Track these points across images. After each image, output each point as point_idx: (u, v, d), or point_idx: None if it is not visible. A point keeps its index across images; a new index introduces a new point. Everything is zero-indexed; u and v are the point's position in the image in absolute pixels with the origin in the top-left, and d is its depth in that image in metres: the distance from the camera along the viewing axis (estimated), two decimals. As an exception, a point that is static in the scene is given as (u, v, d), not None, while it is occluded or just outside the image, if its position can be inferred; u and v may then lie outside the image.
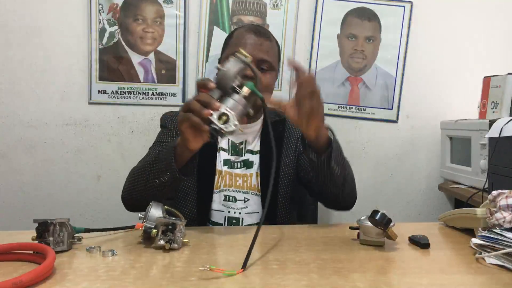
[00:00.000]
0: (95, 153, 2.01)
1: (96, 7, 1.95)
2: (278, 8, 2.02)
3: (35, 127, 1.99)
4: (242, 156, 1.31)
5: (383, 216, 0.87)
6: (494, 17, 2.11)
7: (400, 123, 2.12)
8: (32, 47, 1.96)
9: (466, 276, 0.77)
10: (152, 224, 0.89)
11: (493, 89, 1.81)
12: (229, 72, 0.85)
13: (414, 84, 2.10)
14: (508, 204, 0.85)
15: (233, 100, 0.86)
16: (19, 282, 0.64)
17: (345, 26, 2.06)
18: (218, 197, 1.27)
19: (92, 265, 0.78)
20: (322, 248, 0.90)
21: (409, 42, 2.08)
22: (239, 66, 0.87)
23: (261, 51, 1.24)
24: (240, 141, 1.31)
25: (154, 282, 0.71)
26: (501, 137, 1.39)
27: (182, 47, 2.00)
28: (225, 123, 0.84)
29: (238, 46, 1.24)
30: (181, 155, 1.00)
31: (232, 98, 0.86)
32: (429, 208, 2.17)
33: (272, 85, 1.30)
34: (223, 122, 0.84)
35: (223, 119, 0.84)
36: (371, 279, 0.73)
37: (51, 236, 0.84)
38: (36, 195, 2.00)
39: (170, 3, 1.98)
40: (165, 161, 1.01)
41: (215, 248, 0.92)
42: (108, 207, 2.01)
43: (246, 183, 1.28)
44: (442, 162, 2.04)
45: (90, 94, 1.99)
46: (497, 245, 0.81)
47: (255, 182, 1.29)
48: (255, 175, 1.29)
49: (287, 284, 0.70)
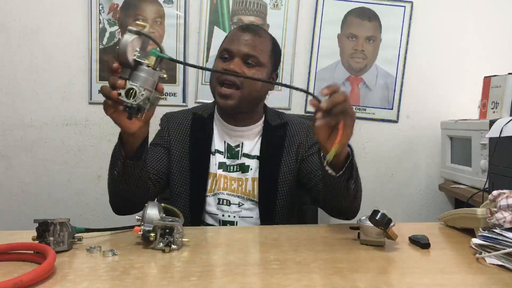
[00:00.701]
0: (95, 153, 2.01)
1: (96, 7, 1.95)
2: (278, 8, 2.02)
3: (35, 127, 1.99)
4: (238, 159, 1.28)
5: (384, 216, 0.87)
6: (494, 17, 2.11)
7: (400, 123, 2.12)
8: (32, 47, 1.96)
9: (466, 276, 0.77)
10: (150, 226, 0.88)
11: (493, 89, 1.81)
12: (122, 47, 0.84)
13: (414, 84, 2.10)
14: (509, 204, 0.85)
15: (140, 73, 0.86)
16: (19, 282, 0.64)
17: (345, 26, 2.06)
18: (213, 200, 1.26)
19: (93, 265, 0.78)
20: (322, 248, 0.90)
21: (409, 42, 2.08)
22: (132, 38, 0.85)
23: (246, 46, 1.21)
24: (236, 143, 1.29)
25: (154, 282, 0.71)
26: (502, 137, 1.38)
27: (182, 47, 2.00)
28: (134, 97, 0.85)
29: (226, 43, 1.24)
30: (127, 142, 1.00)
31: (139, 71, 0.86)
32: (429, 208, 2.17)
33: (260, 82, 1.24)
34: (132, 96, 0.85)
35: (131, 94, 0.85)
36: (371, 279, 0.73)
37: (51, 236, 0.84)
38: (36, 195, 2.00)
39: (170, 3, 1.98)
40: (115, 151, 1.02)
41: (215, 248, 0.92)
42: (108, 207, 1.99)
43: (241, 188, 1.26)
44: (442, 162, 2.04)
45: (90, 94, 1.99)
46: (497, 245, 0.81)
47: (250, 187, 1.26)
48: (251, 180, 1.27)
49: (287, 284, 0.70)
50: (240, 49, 1.21)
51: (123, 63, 0.86)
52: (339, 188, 1.03)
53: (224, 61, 1.23)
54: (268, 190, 1.26)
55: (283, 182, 1.28)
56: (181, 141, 1.29)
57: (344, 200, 1.07)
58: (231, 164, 1.28)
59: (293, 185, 1.30)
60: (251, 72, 1.21)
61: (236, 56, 1.21)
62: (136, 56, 0.85)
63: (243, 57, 1.21)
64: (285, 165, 1.29)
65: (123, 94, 0.85)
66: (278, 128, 1.32)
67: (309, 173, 1.26)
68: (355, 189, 1.06)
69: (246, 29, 1.25)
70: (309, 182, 1.26)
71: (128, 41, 0.84)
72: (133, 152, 1.01)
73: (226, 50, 1.23)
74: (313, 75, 2.07)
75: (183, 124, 1.31)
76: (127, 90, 0.85)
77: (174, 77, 2.01)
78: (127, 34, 0.85)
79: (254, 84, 1.21)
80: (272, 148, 1.29)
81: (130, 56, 0.85)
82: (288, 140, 1.31)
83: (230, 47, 1.23)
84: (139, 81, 0.86)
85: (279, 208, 1.27)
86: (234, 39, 1.23)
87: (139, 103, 0.86)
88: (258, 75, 1.22)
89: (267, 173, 1.27)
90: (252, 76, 1.20)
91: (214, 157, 1.28)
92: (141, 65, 0.86)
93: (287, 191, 1.28)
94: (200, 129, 1.30)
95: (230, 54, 1.22)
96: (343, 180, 1.00)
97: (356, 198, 1.10)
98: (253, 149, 1.29)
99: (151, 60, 0.87)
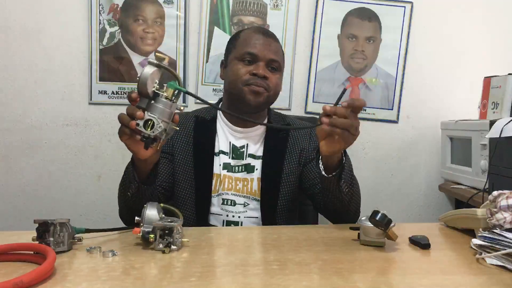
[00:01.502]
0: (95, 153, 2.01)
1: (96, 8, 1.95)
2: (279, 9, 2.02)
3: (35, 127, 1.99)
4: (243, 160, 1.29)
5: (384, 216, 0.87)
6: (494, 17, 2.11)
7: (400, 124, 2.12)
8: (33, 47, 1.96)
9: (466, 276, 0.76)
10: (149, 227, 0.88)
11: (493, 90, 1.81)
12: (142, 79, 0.87)
13: (414, 84, 2.10)
14: (509, 205, 0.85)
15: (157, 104, 0.89)
16: (19, 283, 0.64)
17: (345, 27, 2.06)
18: (217, 201, 1.26)
19: (93, 266, 0.78)
20: (322, 248, 0.90)
21: (409, 42, 2.08)
22: (152, 70, 0.88)
23: (271, 51, 1.26)
24: (242, 144, 1.30)
25: (154, 283, 0.71)
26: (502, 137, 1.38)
27: (182, 47, 2.00)
28: (152, 128, 0.88)
29: (248, 47, 1.26)
30: (139, 166, 1.04)
31: (157, 103, 0.89)
32: (429, 209, 2.17)
33: (280, 85, 1.31)
34: (150, 127, 0.88)
35: (149, 125, 0.88)
36: (371, 280, 0.73)
37: (51, 236, 0.84)
38: (36, 195, 2.00)
39: (170, 3, 1.98)
40: (129, 174, 1.06)
41: (215, 248, 0.92)
42: (108, 207, 2.01)
43: (246, 188, 1.27)
44: (442, 163, 2.04)
45: (90, 95, 1.99)
46: (497, 245, 0.81)
47: (256, 187, 1.28)
48: (256, 180, 1.28)
49: (287, 285, 0.70)
50: (265, 55, 1.25)
51: (143, 94, 0.89)
52: (332, 189, 1.10)
53: (246, 64, 1.26)
54: (270, 190, 1.28)
55: (285, 183, 1.29)
56: (185, 144, 1.30)
57: (338, 203, 1.12)
58: (236, 165, 1.29)
59: (295, 187, 1.31)
60: (274, 76, 1.27)
61: (261, 60, 1.25)
62: (155, 88, 0.89)
63: (268, 62, 1.25)
64: (288, 166, 1.30)
65: (141, 125, 0.88)
66: (281, 130, 1.34)
67: (312, 179, 1.28)
68: (349, 193, 1.11)
69: (266, 34, 1.29)
70: (311, 188, 1.28)
71: (149, 74, 0.87)
72: (145, 175, 1.06)
73: (250, 54, 1.25)
74: (313, 75, 2.07)
75: (186, 127, 1.32)
76: (145, 121, 0.88)
77: (174, 77, 2.00)
78: (148, 67, 0.88)
79: (277, 87, 1.28)
80: (275, 149, 1.31)
81: (150, 88, 0.88)
82: (290, 142, 1.33)
83: (255, 51, 1.25)
84: (157, 113, 0.89)
85: (280, 208, 1.28)
86: (257, 44, 1.26)
87: (157, 135, 0.88)
88: (279, 78, 1.29)
89: (269, 173, 1.28)
90: (277, 80, 1.27)
91: (218, 157, 1.29)
92: (159, 96, 0.89)
93: (289, 192, 1.29)
94: (203, 131, 1.31)
95: (254, 58, 1.25)
96: (334, 180, 1.07)
97: (351, 202, 1.13)
98: (258, 150, 1.31)
99: (169, 92, 0.90)
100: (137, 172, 1.05)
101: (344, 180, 1.08)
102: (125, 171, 1.09)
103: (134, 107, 0.90)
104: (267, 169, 1.28)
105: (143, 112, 0.88)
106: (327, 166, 1.07)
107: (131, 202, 1.08)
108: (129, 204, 1.09)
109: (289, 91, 2.06)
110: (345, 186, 1.09)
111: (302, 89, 2.08)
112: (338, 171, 1.06)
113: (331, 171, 1.07)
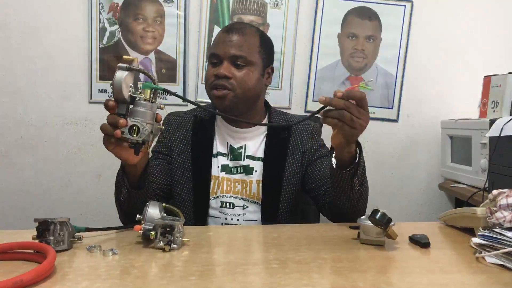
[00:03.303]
0: (95, 152, 2.01)
1: (96, 7, 1.95)
2: (279, 8, 2.02)
3: (35, 126, 1.99)
4: (241, 161, 1.27)
5: (384, 215, 0.87)
6: (494, 17, 2.11)
7: (400, 123, 2.12)
8: (32, 46, 1.96)
9: (466, 275, 0.77)
10: (150, 225, 0.88)
11: (493, 89, 1.81)
12: (116, 85, 0.85)
13: (414, 83, 2.10)
14: (509, 203, 0.85)
15: (138, 108, 0.88)
16: (19, 281, 0.64)
17: (345, 26, 2.06)
18: (215, 203, 1.25)
19: (93, 265, 0.78)
20: (322, 247, 0.90)
21: (409, 41, 2.08)
22: (124, 74, 0.86)
23: (232, 47, 1.20)
24: (239, 145, 1.28)
25: (154, 282, 0.71)
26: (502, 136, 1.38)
27: (182, 46, 2.00)
28: (138, 133, 0.87)
29: (213, 48, 1.23)
30: (130, 171, 1.03)
31: (136, 106, 0.88)
32: (429, 208, 2.17)
33: (252, 81, 1.22)
34: (136, 133, 0.87)
35: (134, 130, 0.87)
36: (371, 279, 0.73)
37: (51, 235, 0.84)
38: (36, 194, 2.00)
39: (170, 2, 1.98)
40: (119, 180, 1.06)
41: (215, 247, 0.92)
42: (109, 206, 2.00)
43: (245, 190, 1.26)
44: (442, 161, 2.04)
45: (90, 94, 1.99)
46: (497, 244, 0.81)
47: (255, 190, 1.25)
48: (255, 183, 1.26)
49: (287, 284, 0.70)
50: (226, 52, 1.20)
51: (120, 100, 0.87)
52: (343, 185, 1.07)
53: (213, 66, 1.22)
54: (272, 193, 1.26)
55: (287, 184, 1.27)
56: (183, 144, 1.29)
57: (348, 201, 1.10)
58: (234, 166, 1.27)
59: (297, 188, 1.29)
60: (241, 73, 1.20)
61: (224, 59, 1.20)
62: (131, 91, 0.87)
63: (231, 59, 1.20)
64: (290, 167, 1.28)
65: (126, 132, 0.87)
66: (282, 129, 1.31)
67: (317, 180, 1.26)
68: (359, 191, 1.08)
69: (230, 30, 1.23)
70: (316, 189, 1.26)
71: (122, 78, 0.85)
72: (136, 179, 1.05)
73: (213, 55, 1.22)
74: (313, 74, 2.07)
75: (184, 127, 1.31)
76: (130, 127, 0.87)
77: (174, 76, 2.01)
78: (119, 72, 0.86)
79: (244, 84, 1.20)
80: (277, 150, 1.28)
81: (125, 93, 0.86)
82: (292, 142, 1.30)
83: (216, 51, 1.21)
84: (139, 117, 0.87)
85: (282, 210, 1.27)
86: (219, 42, 1.22)
87: (144, 138, 0.88)
88: (249, 74, 1.21)
89: (271, 175, 1.26)
90: (243, 76, 1.20)
91: (216, 159, 1.27)
92: (137, 99, 0.87)
93: (291, 194, 1.28)
94: (201, 132, 1.29)
95: (218, 58, 1.21)
96: (347, 176, 1.05)
97: (359, 201, 1.11)
98: (257, 151, 1.28)
99: (146, 93, 0.88)
100: (128, 177, 1.04)
101: (357, 178, 1.06)
102: (116, 177, 1.08)
103: (114, 116, 0.88)
104: (268, 171, 1.25)
105: (125, 119, 0.87)
106: (339, 161, 1.06)
107: (124, 207, 1.07)
108: (123, 208, 1.09)
109: (289, 90, 2.06)
110: (357, 184, 1.07)
111: (302, 88, 2.08)
112: (353, 167, 1.05)
113: (344, 167, 1.05)
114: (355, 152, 1.05)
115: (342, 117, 0.95)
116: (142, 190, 1.05)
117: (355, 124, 0.95)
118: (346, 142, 1.01)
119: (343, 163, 1.05)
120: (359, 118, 0.95)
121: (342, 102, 0.95)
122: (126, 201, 1.06)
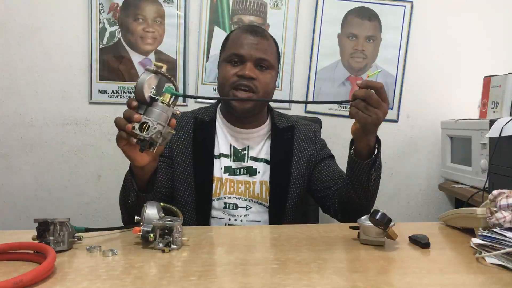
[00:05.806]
0: (95, 153, 2.01)
1: (96, 7, 1.95)
2: (279, 8, 2.02)
3: (35, 127, 1.99)
4: (244, 162, 1.27)
5: (383, 215, 0.87)
6: (494, 17, 2.11)
7: (400, 123, 2.12)
8: (32, 46, 1.96)
9: (466, 275, 0.77)
10: (149, 226, 0.88)
11: (493, 89, 1.81)
12: (139, 85, 0.90)
13: (414, 83, 2.10)
14: (509, 204, 0.85)
15: (154, 108, 0.91)
16: (19, 282, 0.64)
17: (345, 26, 2.06)
18: (218, 205, 1.25)
19: (93, 265, 0.78)
20: (322, 247, 0.90)
21: (409, 42, 2.08)
22: (148, 76, 0.90)
23: (258, 50, 1.22)
24: (243, 147, 1.28)
25: (154, 282, 0.71)
26: (502, 136, 1.38)
27: (182, 46, 2.00)
28: (147, 130, 0.89)
29: (235, 48, 1.22)
30: (138, 174, 1.04)
31: (154, 107, 0.91)
32: (429, 208, 2.17)
33: (272, 84, 1.26)
34: (145, 130, 0.90)
35: (144, 127, 0.90)
36: (371, 279, 0.73)
37: (51, 235, 0.84)
38: (36, 194, 2.00)
39: (170, 2, 1.98)
40: (127, 183, 1.06)
41: (215, 248, 0.92)
42: (109, 206, 2.02)
43: (248, 191, 1.26)
44: (442, 162, 2.04)
45: (90, 94, 1.99)
46: (497, 244, 0.81)
47: (259, 190, 1.26)
48: (259, 183, 1.26)
49: (287, 284, 0.70)
50: (252, 54, 1.21)
51: (140, 100, 0.91)
52: (361, 177, 1.10)
53: (234, 66, 1.22)
54: (279, 194, 1.26)
55: (294, 185, 1.27)
56: (184, 147, 1.28)
57: (363, 194, 1.13)
58: (237, 167, 1.27)
59: (303, 189, 1.30)
60: (264, 76, 1.22)
61: (248, 60, 1.21)
62: (151, 93, 0.91)
63: (256, 62, 1.22)
64: (296, 168, 1.28)
65: (137, 128, 0.90)
66: (285, 131, 1.32)
67: (326, 180, 1.27)
68: (374, 185, 1.12)
69: (253, 32, 1.24)
70: (326, 190, 1.27)
71: (145, 79, 0.90)
72: (144, 183, 1.05)
73: (236, 55, 1.22)
74: (313, 74, 2.07)
75: (185, 130, 1.30)
76: (140, 124, 0.90)
77: (174, 76, 2.01)
78: (145, 73, 0.91)
79: (267, 87, 1.23)
80: (282, 151, 1.29)
81: (146, 93, 0.90)
82: (296, 143, 1.31)
83: (240, 51, 1.21)
84: (152, 116, 0.90)
85: (289, 211, 1.27)
86: (243, 43, 1.22)
87: (152, 137, 0.90)
88: (270, 77, 1.24)
89: (278, 176, 1.26)
90: (266, 79, 1.22)
91: (219, 161, 1.27)
92: (156, 101, 0.91)
93: (297, 194, 1.28)
94: (202, 134, 1.29)
95: (241, 58, 1.22)
96: (366, 168, 1.08)
97: (373, 196, 1.14)
98: (260, 152, 1.28)
99: (166, 97, 0.92)
100: (136, 180, 1.04)
101: (375, 170, 1.09)
102: (124, 179, 1.09)
103: (131, 111, 0.91)
104: (275, 172, 1.25)
105: (139, 115, 0.90)
106: (357, 153, 1.09)
107: (131, 210, 1.07)
108: (130, 211, 1.08)
109: (289, 91, 2.06)
110: (374, 177, 1.10)
111: (302, 89, 2.08)
112: (374, 157, 1.08)
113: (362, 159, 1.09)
114: (373, 147, 1.08)
115: (356, 104, 0.99)
116: (150, 194, 1.06)
117: (370, 112, 0.99)
118: (362, 131, 1.04)
119: (361, 156, 1.09)
120: (376, 107, 0.99)
121: (363, 91, 0.99)
122: (134, 205, 1.05)
